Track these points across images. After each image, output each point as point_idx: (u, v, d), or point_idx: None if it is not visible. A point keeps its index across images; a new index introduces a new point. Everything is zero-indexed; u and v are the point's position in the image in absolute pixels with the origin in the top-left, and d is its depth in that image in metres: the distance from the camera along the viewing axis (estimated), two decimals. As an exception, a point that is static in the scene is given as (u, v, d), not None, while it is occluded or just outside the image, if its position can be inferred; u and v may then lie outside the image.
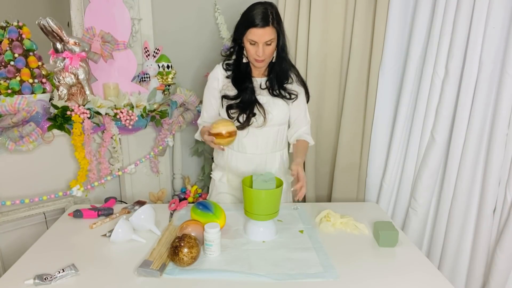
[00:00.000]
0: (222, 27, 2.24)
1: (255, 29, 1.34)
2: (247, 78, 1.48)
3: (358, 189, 2.04)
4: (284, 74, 1.50)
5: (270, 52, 1.41)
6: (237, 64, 1.49)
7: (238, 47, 1.47)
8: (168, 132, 1.97)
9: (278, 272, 1.11)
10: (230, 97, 1.48)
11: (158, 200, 2.08)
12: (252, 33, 1.36)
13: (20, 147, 1.48)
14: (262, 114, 1.45)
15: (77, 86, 1.71)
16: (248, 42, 1.39)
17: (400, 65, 1.81)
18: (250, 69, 1.50)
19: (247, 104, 1.45)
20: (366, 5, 1.81)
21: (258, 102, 1.46)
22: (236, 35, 1.44)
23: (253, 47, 1.38)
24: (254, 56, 1.40)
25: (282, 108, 1.49)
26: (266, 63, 1.45)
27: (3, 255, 1.63)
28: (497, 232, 1.66)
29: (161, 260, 1.14)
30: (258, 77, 1.52)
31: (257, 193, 1.23)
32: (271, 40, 1.37)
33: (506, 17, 1.50)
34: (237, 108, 1.46)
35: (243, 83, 1.47)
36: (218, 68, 1.53)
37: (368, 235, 1.34)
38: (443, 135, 1.69)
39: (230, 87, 1.49)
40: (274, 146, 1.54)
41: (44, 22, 1.59)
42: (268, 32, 1.35)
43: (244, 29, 1.38)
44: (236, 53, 1.49)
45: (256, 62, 1.43)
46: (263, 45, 1.37)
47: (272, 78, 1.49)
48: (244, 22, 1.38)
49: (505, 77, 1.51)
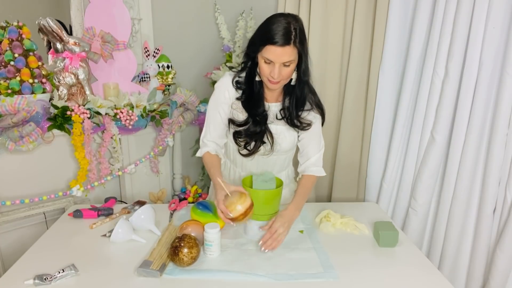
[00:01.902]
0: (222, 27, 2.24)
1: (273, 47, 1.13)
2: (260, 101, 1.30)
3: (358, 189, 2.04)
4: (304, 100, 1.31)
5: (287, 74, 1.20)
6: (249, 83, 1.29)
7: (251, 63, 1.26)
8: (168, 132, 1.97)
9: (278, 272, 1.11)
10: (238, 123, 1.31)
11: (158, 200, 2.08)
12: (268, 51, 1.14)
13: (20, 147, 1.48)
14: (270, 142, 1.33)
15: (77, 86, 1.71)
16: (263, 59, 1.18)
17: (400, 65, 1.81)
18: (263, 90, 1.31)
19: (257, 133, 1.29)
20: (366, 5, 1.81)
21: (269, 131, 1.31)
22: (250, 49, 1.23)
23: (268, 67, 1.18)
24: (268, 76, 1.20)
25: (291, 139, 1.37)
26: (280, 85, 1.26)
27: (3, 255, 1.63)
28: (497, 232, 1.66)
29: (161, 260, 1.14)
30: (272, 101, 1.34)
31: (257, 193, 1.23)
32: (290, 62, 1.17)
33: (506, 17, 1.50)
34: (246, 136, 1.30)
35: (255, 108, 1.29)
36: (227, 82, 1.32)
37: (368, 235, 1.34)
38: (443, 135, 1.69)
39: (239, 109, 1.31)
40: (281, 169, 1.48)
41: (44, 22, 1.59)
42: (288, 52, 1.14)
43: (260, 45, 1.17)
44: (249, 69, 1.28)
45: (269, 83, 1.22)
46: (280, 65, 1.16)
47: (291, 104, 1.31)
48: (261, 36, 1.17)
49: (505, 77, 1.51)
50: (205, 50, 2.30)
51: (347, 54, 1.91)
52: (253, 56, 1.23)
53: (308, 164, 1.38)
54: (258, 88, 1.29)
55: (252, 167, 1.44)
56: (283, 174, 1.50)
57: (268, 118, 1.32)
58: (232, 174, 1.50)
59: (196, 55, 2.29)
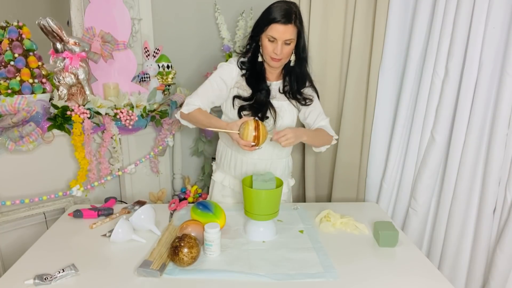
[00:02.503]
0: (222, 27, 2.24)
1: (277, 25, 1.31)
2: (262, 79, 1.44)
3: (358, 189, 2.04)
4: (304, 76, 1.47)
5: (288, 52, 1.37)
6: (252, 62, 1.44)
7: (255, 45, 1.42)
8: (168, 132, 1.98)
9: (278, 272, 1.11)
10: (243, 98, 1.43)
11: (158, 200, 2.08)
12: (273, 29, 1.32)
13: (20, 147, 1.48)
14: (273, 117, 1.43)
15: (77, 86, 1.71)
16: (267, 38, 1.34)
17: (400, 65, 1.81)
18: (265, 70, 1.46)
19: (261, 106, 1.41)
20: (366, 5, 1.81)
21: (271, 105, 1.43)
22: (255, 31, 1.40)
23: (271, 45, 1.35)
24: (271, 54, 1.36)
25: (292, 114, 1.49)
26: (281, 64, 1.42)
27: (3, 255, 1.63)
28: (497, 232, 1.66)
29: (161, 260, 1.14)
30: (273, 80, 1.48)
31: (257, 193, 1.23)
32: (290, 40, 1.34)
33: (506, 17, 1.50)
34: (250, 109, 1.41)
35: (258, 84, 1.43)
36: (233, 63, 1.46)
37: (368, 235, 1.34)
38: (443, 135, 1.69)
39: (243, 86, 1.44)
40: (280, 153, 1.53)
41: (44, 22, 1.59)
42: (289, 30, 1.32)
43: (264, 25, 1.34)
44: (252, 51, 1.44)
45: (272, 61, 1.38)
46: (282, 43, 1.33)
47: (292, 81, 1.46)
48: (266, 17, 1.34)
49: (505, 77, 1.51)
50: (205, 50, 2.30)
51: (347, 54, 1.91)
52: (256, 39, 1.40)
53: (321, 124, 1.50)
54: (260, 67, 1.44)
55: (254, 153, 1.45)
56: (283, 162, 1.54)
57: (270, 94, 1.44)
58: (233, 161, 1.52)
59: (196, 55, 2.29)
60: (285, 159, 1.57)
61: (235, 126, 1.28)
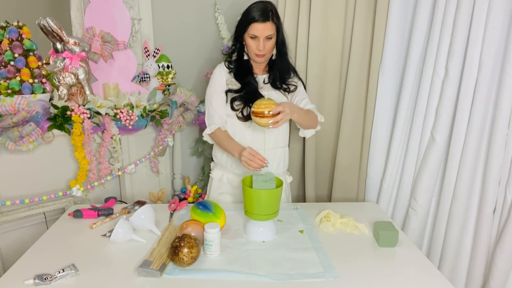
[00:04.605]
0: (222, 27, 2.24)
1: (256, 24, 1.42)
2: (249, 72, 1.55)
3: (358, 189, 2.04)
4: (286, 68, 1.58)
5: (270, 47, 1.48)
6: (238, 61, 1.56)
7: (239, 45, 1.54)
8: (168, 132, 1.97)
9: (278, 272, 1.11)
10: (234, 90, 1.53)
11: (158, 200, 2.08)
12: (253, 27, 1.43)
13: (20, 147, 1.48)
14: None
15: (77, 86, 1.71)
16: (249, 37, 1.46)
17: (400, 65, 1.81)
18: (251, 65, 1.57)
19: (251, 96, 1.48)
20: (366, 5, 1.81)
21: (260, 94, 1.49)
22: (237, 32, 1.52)
23: (254, 42, 1.46)
24: (255, 51, 1.47)
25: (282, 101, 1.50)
26: (266, 59, 1.53)
27: (3, 255, 1.63)
28: (497, 232, 1.66)
29: (161, 260, 1.14)
30: (259, 74, 1.59)
31: (257, 193, 1.24)
32: (271, 35, 1.45)
33: (506, 17, 1.50)
34: (241, 100, 1.51)
35: (246, 77, 1.54)
36: (221, 66, 1.58)
37: (368, 235, 1.34)
38: (443, 135, 1.69)
39: (233, 82, 1.55)
40: (276, 142, 1.56)
41: (44, 22, 1.59)
42: (268, 27, 1.43)
43: (245, 25, 1.46)
44: (238, 51, 1.56)
45: (257, 57, 1.49)
46: (263, 39, 1.44)
47: (275, 73, 1.56)
48: (246, 18, 1.46)
49: (505, 77, 1.51)
50: (205, 50, 2.30)
51: (347, 54, 1.91)
52: (240, 40, 1.52)
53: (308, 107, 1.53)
54: (247, 64, 1.56)
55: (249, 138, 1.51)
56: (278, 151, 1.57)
57: (259, 85, 1.55)
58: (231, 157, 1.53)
59: (196, 55, 2.29)
60: (281, 149, 1.59)
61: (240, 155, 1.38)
